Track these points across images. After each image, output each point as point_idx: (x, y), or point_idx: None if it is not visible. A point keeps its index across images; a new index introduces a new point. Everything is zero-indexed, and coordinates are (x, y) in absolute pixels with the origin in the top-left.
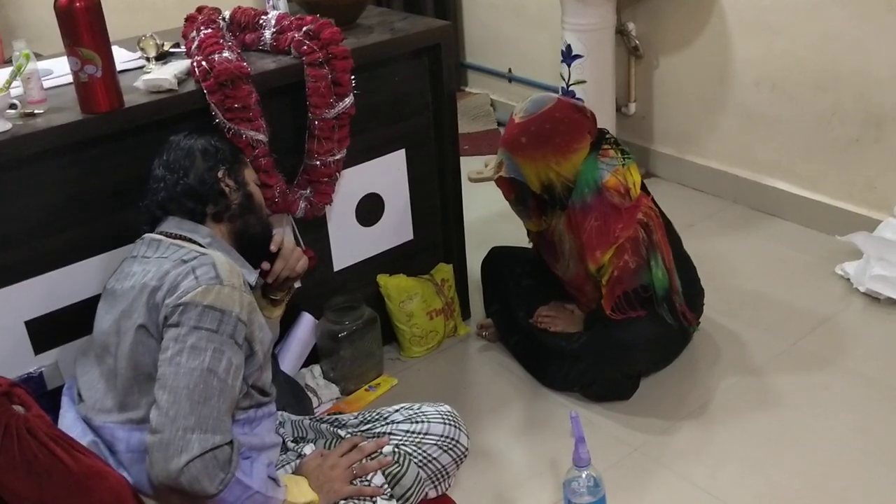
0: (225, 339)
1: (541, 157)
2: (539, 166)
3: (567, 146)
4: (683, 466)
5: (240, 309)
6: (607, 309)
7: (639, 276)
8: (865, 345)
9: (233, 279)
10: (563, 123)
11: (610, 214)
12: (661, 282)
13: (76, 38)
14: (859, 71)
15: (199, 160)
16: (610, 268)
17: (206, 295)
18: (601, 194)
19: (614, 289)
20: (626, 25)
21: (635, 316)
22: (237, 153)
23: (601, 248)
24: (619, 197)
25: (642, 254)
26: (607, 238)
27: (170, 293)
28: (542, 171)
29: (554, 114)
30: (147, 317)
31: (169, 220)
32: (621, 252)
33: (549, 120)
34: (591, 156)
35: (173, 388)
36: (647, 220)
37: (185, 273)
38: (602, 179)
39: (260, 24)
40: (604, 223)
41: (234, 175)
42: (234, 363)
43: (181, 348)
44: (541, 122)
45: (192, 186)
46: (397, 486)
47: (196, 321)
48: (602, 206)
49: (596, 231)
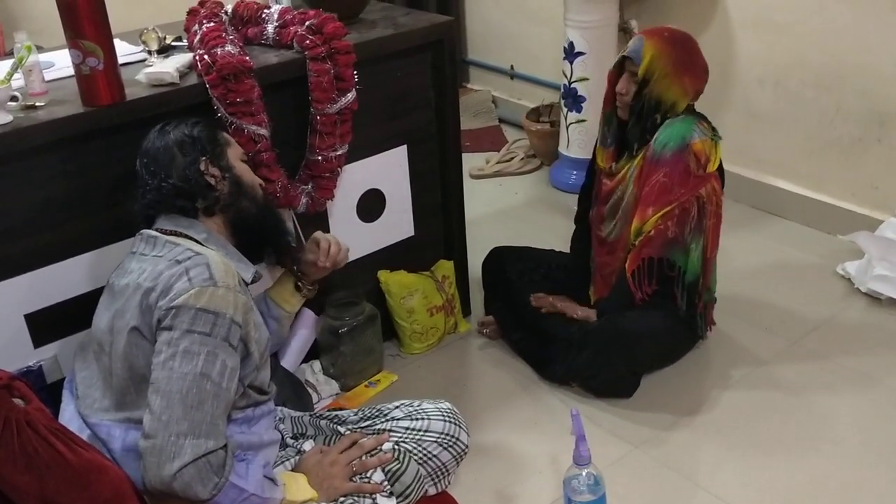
0: (219, 342)
1: (664, 55)
2: (657, 58)
3: (685, 68)
4: (684, 465)
5: (234, 310)
6: (629, 269)
7: (670, 249)
8: (867, 345)
9: (227, 279)
10: (693, 49)
11: (679, 176)
12: (694, 267)
13: (78, 31)
14: (863, 70)
15: (179, 156)
16: (650, 228)
17: (200, 297)
18: (682, 152)
19: (643, 250)
20: (629, 23)
21: (648, 291)
22: (214, 135)
23: (655, 206)
24: (695, 163)
25: (685, 230)
26: (665, 197)
27: (163, 295)
28: (654, 66)
29: (693, 41)
30: (140, 318)
31: (163, 218)
32: (667, 217)
33: (690, 40)
34: (690, 117)
35: (166, 392)
36: (706, 201)
37: (179, 274)
38: (692, 139)
39: (262, 18)
40: (669, 181)
41: (218, 162)
42: (228, 366)
43: (174, 352)
44: (682, 33)
45: (176, 186)
46: (397, 483)
47: (189, 324)
48: (677, 164)
49: (659, 187)
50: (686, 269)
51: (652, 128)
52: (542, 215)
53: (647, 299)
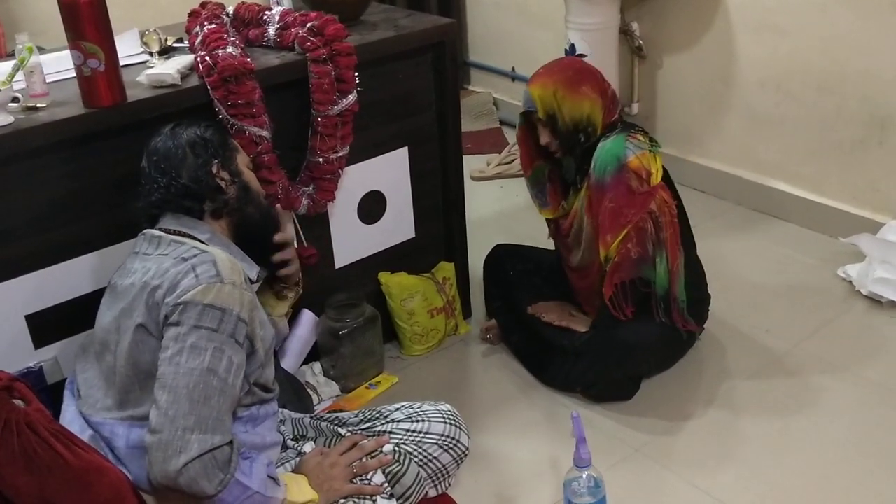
0: (225, 338)
1: (550, 84)
2: (546, 93)
3: (575, 82)
4: (685, 468)
5: (240, 307)
6: (606, 296)
7: (638, 268)
8: (867, 348)
9: (234, 276)
10: (575, 65)
11: (624, 196)
12: (662, 280)
13: (79, 33)
14: (864, 72)
15: (190, 156)
16: (614, 254)
17: (207, 293)
18: (621, 173)
19: (613, 275)
20: (630, 25)
21: (629, 313)
22: (226, 140)
23: (612, 232)
24: (636, 180)
25: (647, 246)
26: (618, 221)
27: (170, 292)
28: (547, 100)
29: (571, 59)
30: (147, 315)
31: (168, 217)
32: (626, 240)
33: (564, 60)
34: (620, 135)
35: (173, 387)
36: (659, 214)
37: (186, 271)
38: (626, 158)
39: (264, 20)
40: (616, 205)
41: (228, 166)
42: (234, 362)
43: (181, 348)
44: (557, 61)
45: (186, 186)
46: (397, 485)
47: (196, 320)
48: (619, 186)
49: (609, 213)
50: (656, 282)
51: (583, 154)
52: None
53: (632, 318)
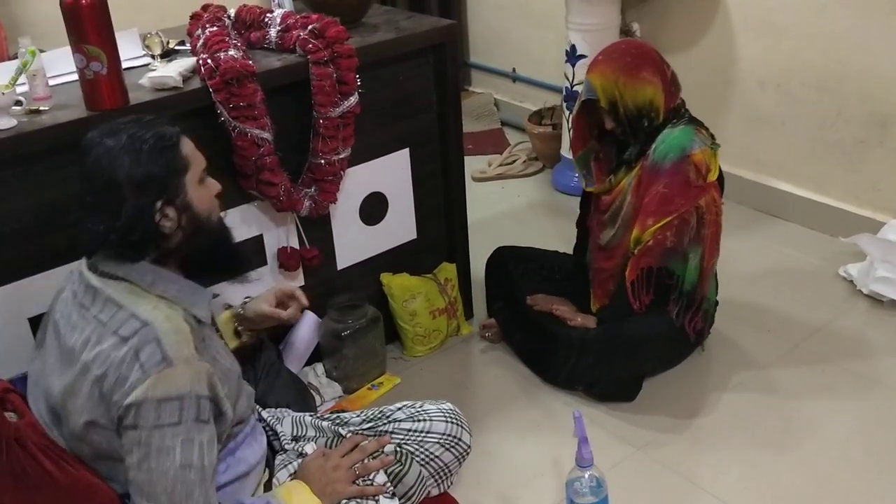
0: (191, 424)
1: (610, 73)
2: (607, 82)
3: (634, 68)
4: (686, 467)
5: (197, 383)
6: (629, 279)
7: (668, 258)
8: (868, 347)
9: (182, 350)
10: (632, 50)
11: (679, 187)
12: (692, 277)
13: (82, 36)
14: (864, 72)
15: (129, 195)
16: (649, 238)
17: (157, 386)
18: (682, 163)
19: (641, 259)
20: (631, 26)
21: (646, 300)
22: (174, 161)
23: (655, 217)
24: (695, 173)
25: (683, 239)
26: (665, 208)
27: (118, 386)
28: (609, 88)
29: (628, 42)
30: (95, 410)
31: (103, 257)
32: (666, 228)
33: (622, 44)
34: (689, 126)
35: (150, 494)
36: (705, 211)
37: (129, 361)
38: (691, 150)
39: (265, 23)
40: (669, 192)
41: (174, 200)
42: (205, 441)
43: (147, 452)
44: (614, 46)
45: (123, 236)
46: (400, 485)
47: (155, 420)
48: (677, 175)
49: (659, 198)
50: (684, 277)
51: (647, 137)
52: (545, 218)
53: (644, 310)
